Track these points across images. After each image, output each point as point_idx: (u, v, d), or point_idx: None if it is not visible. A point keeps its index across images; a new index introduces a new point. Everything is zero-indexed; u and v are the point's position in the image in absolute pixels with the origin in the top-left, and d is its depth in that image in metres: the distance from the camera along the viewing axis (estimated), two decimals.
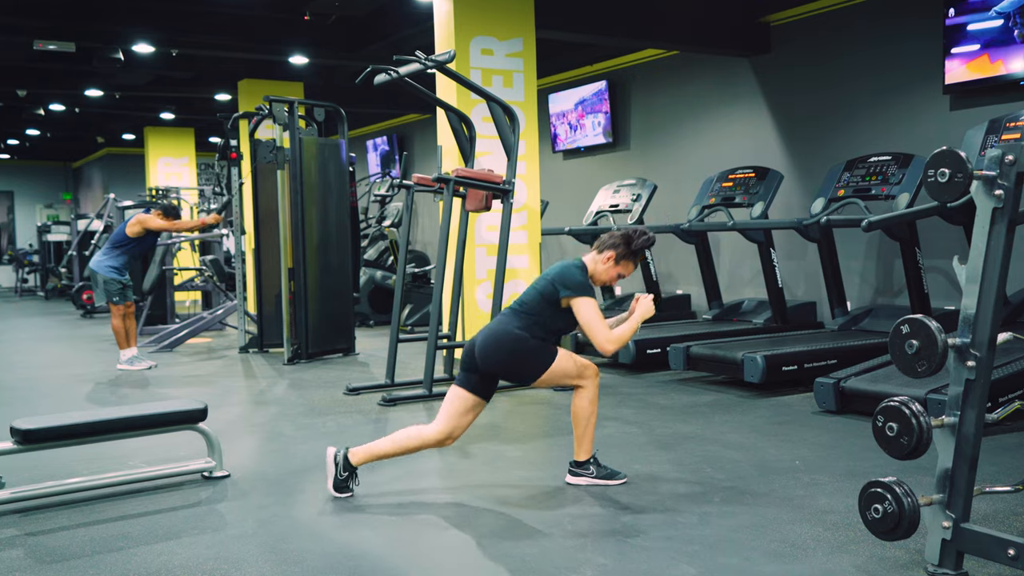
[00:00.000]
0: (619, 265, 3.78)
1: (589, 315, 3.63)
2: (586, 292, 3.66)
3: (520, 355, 3.68)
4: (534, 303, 3.72)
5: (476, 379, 3.72)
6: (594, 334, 3.63)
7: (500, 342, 3.67)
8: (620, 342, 3.65)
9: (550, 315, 3.71)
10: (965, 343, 2.58)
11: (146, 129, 17.41)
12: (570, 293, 3.65)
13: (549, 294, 3.69)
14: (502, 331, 3.69)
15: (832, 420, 5.14)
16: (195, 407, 4.07)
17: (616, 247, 3.77)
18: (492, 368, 3.71)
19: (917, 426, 2.57)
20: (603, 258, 3.78)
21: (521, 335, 3.67)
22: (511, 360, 3.69)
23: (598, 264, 3.78)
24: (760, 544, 3.08)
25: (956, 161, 2.61)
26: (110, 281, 7.51)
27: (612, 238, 3.79)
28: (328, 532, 3.34)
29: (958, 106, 7.12)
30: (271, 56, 10.83)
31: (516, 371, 3.75)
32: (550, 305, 3.70)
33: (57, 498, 3.78)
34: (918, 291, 6.44)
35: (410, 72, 6.04)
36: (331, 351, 8.24)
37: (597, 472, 3.85)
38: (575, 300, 3.64)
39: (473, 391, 3.72)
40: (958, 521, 2.58)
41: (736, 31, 8.66)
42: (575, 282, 3.67)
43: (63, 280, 16.65)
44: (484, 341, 3.70)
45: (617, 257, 3.77)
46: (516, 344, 3.67)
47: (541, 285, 3.73)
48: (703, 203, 7.73)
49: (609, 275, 3.79)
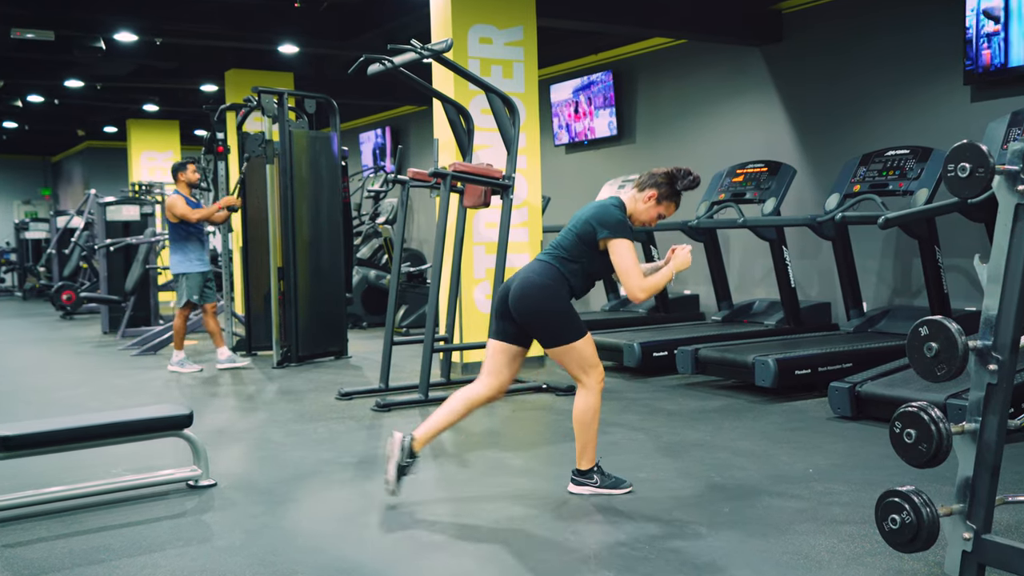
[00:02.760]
0: (660, 205, 3.77)
1: (625, 258, 3.63)
2: (625, 233, 3.65)
3: (549, 316, 3.68)
4: (572, 246, 3.72)
5: (512, 329, 3.75)
6: (629, 278, 3.62)
7: (534, 296, 3.67)
8: (653, 290, 3.66)
9: (589, 259, 3.71)
10: (987, 346, 2.58)
11: (129, 122, 17.41)
12: (608, 233, 3.64)
13: (587, 235, 3.68)
14: (537, 283, 3.68)
15: (847, 426, 5.14)
16: (180, 413, 4.07)
17: (659, 186, 3.75)
18: (524, 320, 3.72)
19: (936, 433, 2.57)
20: (644, 196, 3.77)
21: (556, 291, 3.66)
22: (540, 318, 3.69)
23: (638, 203, 3.78)
24: (772, 556, 3.08)
25: (977, 155, 2.61)
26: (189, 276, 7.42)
27: (654, 176, 3.77)
28: (320, 544, 3.34)
29: (979, 97, 7.12)
30: (260, 45, 10.82)
31: (542, 330, 3.73)
32: (589, 247, 3.69)
33: (36, 508, 3.78)
34: (937, 291, 6.44)
35: (405, 62, 6.04)
36: (322, 354, 8.24)
37: (601, 481, 3.85)
38: (612, 241, 3.63)
39: (513, 341, 3.76)
40: (979, 532, 2.58)
41: (747, 19, 8.66)
42: (614, 221, 3.66)
43: (42, 280, 16.65)
44: (518, 289, 3.70)
45: (659, 197, 3.76)
46: (548, 302, 3.67)
47: (579, 227, 3.72)
48: (712, 199, 7.73)
49: (649, 215, 3.78)
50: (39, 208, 23.91)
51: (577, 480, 3.87)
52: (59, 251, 15.03)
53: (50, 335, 11.27)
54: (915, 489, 2.65)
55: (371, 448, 4.88)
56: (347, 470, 4.40)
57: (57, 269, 14.92)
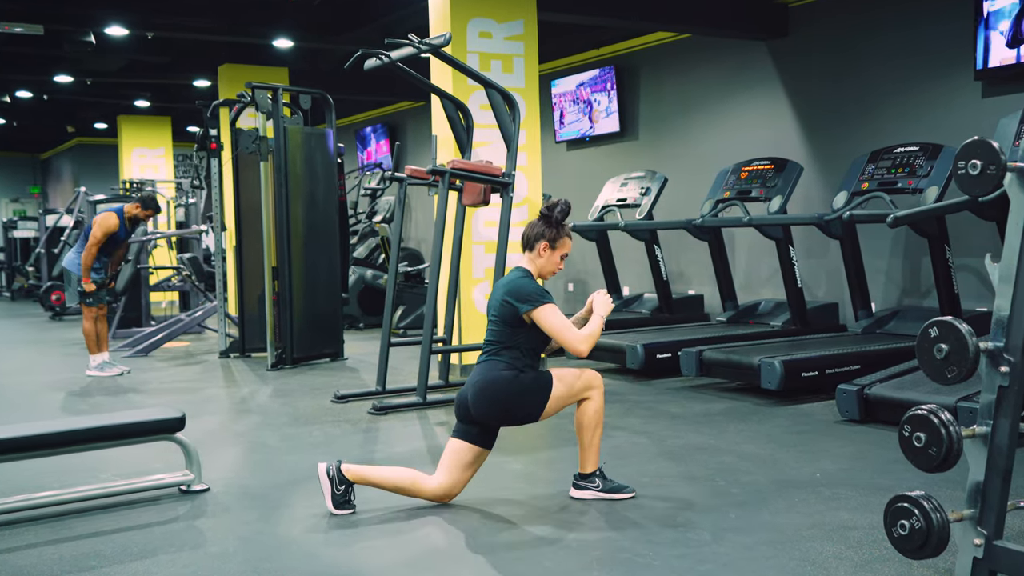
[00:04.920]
0: (557, 248, 3.83)
1: (555, 322, 3.67)
2: (544, 298, 3.70)
3: (517, 396, 3.70)
4: (502, 333, 3.74)
5: (475, 430, 3.75)
6: (566, 338, 3.67)
7: (494, 390, 3.68)
8: (593, 339, 3.72)
9: (524, 337, 3.73)
10: (998, 347, 2.58)
11: (119, 118, 17.42)
12: (529, 306, 3.68)
13: (510, 316, 3.71)
14: (491, 379, 3.70)
15: (855, 430, 5.14)
16: (172, 416, 4.07)
17: (543, 235, 3.81)
18: (492, 420, 3.75)
19: (947, 436, 2.57)
20: (538, 251, 3.82)
21: (509, 375, 3.69)
22: (510, 406, 3.71)
23: (536, 260, 3.84)
24: (778, 563, 3.08)
25: (988, 152, 2.61)
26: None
27: (533, 229, 3.83)
28: (315, 550, 3.34)
29: (991, 93, 7.12)
30: (254, 39, 10.82)
31: (518, 415, 3.76)
32: (517, 326, 3.72)
33: (25, 513, 3.78)
34: (948, 291, 6.44)
35: (403, 57, 6.05)
36: (318, 356, 8.24)
37: (603, 485, 3.86)
38: (535, 311, 3.67)
39: (473, 442, 3.75)
40: (990, 538, 2.58)
41: (752, 12, 8.66)
42: (529, 291, 3.70)
43: (30, 280, 16.65)
44: (476, 395, 3.70)
45: (550, 241, 3.81)
46: (510, 386, 3.69)
47: (498, 311, 3.75)
48: (717, 197, 7.73)
49: (553, 263, 3.85)
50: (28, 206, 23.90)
51: (579, 484, 3.88)
52: (48, 250, 15.03)
53: (39, 336, 11.27)
54: (925, 494, 2.65)
55: (367, 452, 4.88)
56: None
57: (46, 269, 14.92)
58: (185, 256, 11.42)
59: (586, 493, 3.85)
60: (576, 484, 3.89)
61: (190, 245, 12.64)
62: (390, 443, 5.08)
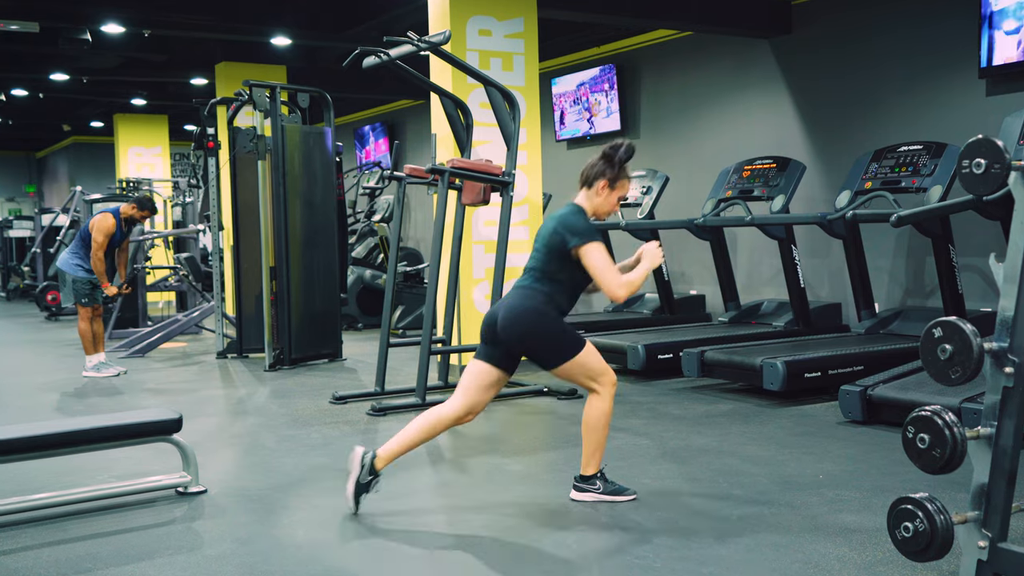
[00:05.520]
0: (615, 189, 3.81)
1: (599, 261, 3.65)
2: (594, 237, 3.68)
3: (550, 337, 3.71)
4: (547, 263, 3.74)
5: (498, 353, 3.76)
6: (607, 280, 3.65)
7: (529, 320, 3.69)
8: (632, 287, 3.68)
9: (568, 272, 3.72)
10: (1003, 348, 2.58)
11: (116, 116, 17.42)
12: (579, 241, 3.65)
13: (558, 247, 3.70)
14: (530, 308, 3.70)
15: (859, 431, 5.14)
16: (169, 417, 4.07)
17: (603, 174, 3.78)
18: (515, 347, 3.74)
19: (951, 438, 2.57)
20: (596, 190, 3.80)
21: (545, 312, 3.69)
22: (539, 343, 3.72)
23: (594, 199, 3.81)
24: (781, 565, 3.08)
25: (993, 150, 2.61)
26: (79, 281, 7.51)
27: (593, 167, 3.80)
28: (313, 553, 3.34)
29: (995, 91, 7.12)
30: (251, 37, 10.82)
31: (541, 354, 3.76)
32: (563, 260, 3.71)
33: (21, 515, 3.78)
34: (952, 291, 6.44)
35: (402, 54, 6.04)
36: (316, 356, 8.24)
37: (604, 488, 3.85)
38: (584, 248, 3.65)
39: (496, 365, 3.76)
40: (995, 540, 2.58)
41: (754, 10, 8.66)
42: (581, 227, 3.68)
43: (26, 280, 16.66)
44: (506, 317, 3.71)
45: (610, 181, 3.79)
46: (546, 324, 3.69)
47: (548, 241, 3.74)
48: (719, 196, 7.73)
49: (610, 204, 3.83)
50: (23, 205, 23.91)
51: (580, 487, 3.87)
52: (44, 250, 15.02)
53: (35, 337, 11.27)
54: (929, 496, 2.65)
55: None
56: (341, 477, 4.37)
57: (42, 269, 14.91)
58: (182, 256, 11.41)
59: (587, 495, 3.85)
60: (577, 486, 3.88)
61: (187, 245, 12.63)
62: None
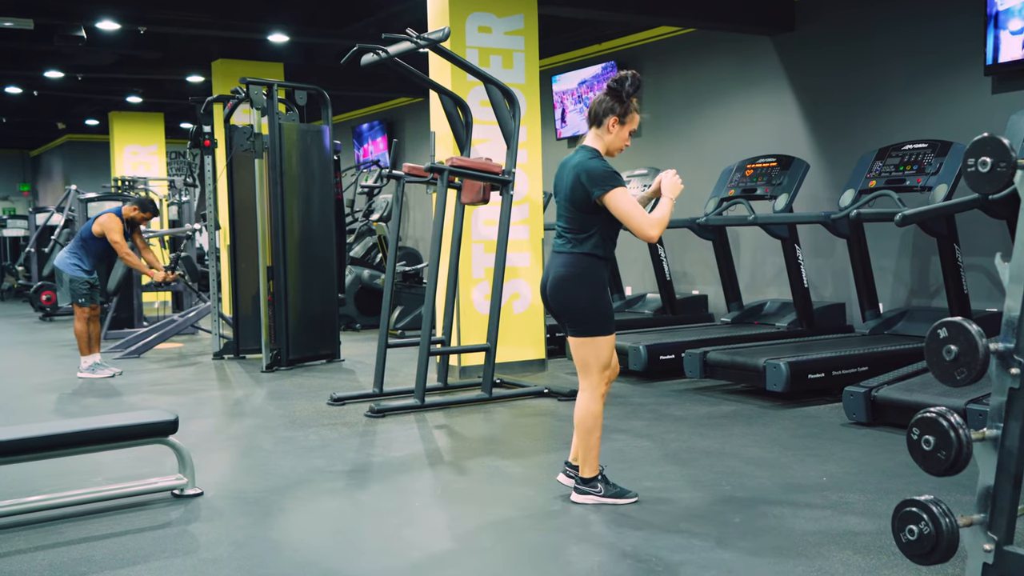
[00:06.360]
0: (626, 123, 3.80)
1: (626, 205, 3.67)
2: (617, 182, 3.69)
3: (584, 305, 3.76)
4: (579, 219, 3.75)
5: (562, 322, 3.88)
6: (638, 223, 3.67)
7: (569, 287, 3.76)
8: (662, 224, 3.71)
9: (601, 223, 3.74)
10: (1009, 348, 2.58)
11: (111, 114, 17.41)
12: (602, 190, 3.67)
13: (583, 200, 3.71)
14: (572, 275, 3.76)
15: (863, 433, 5.14)
16: (165, 419, 4.07)
17: (612, 110, 3.77)
18: (559, 310, 3.83)
19: (956, 439, 2.57)
20: (606, 127, 3.79)
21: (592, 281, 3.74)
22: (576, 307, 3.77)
23: (605, 137, 3.81)
24: (784, 569, 3.08)
25: (999, 148, 2.61)
26: (76, 280, 7.51)
27: (601, 104, 3.78)
28: (310, 557, 3.34)
29: (1001, 89, 7.12)
30: (248, 34, 10.81)
31: (574, 317, 3.81)
32: (592, 212, 3.72)
33: (15, 518, 3.78)
34: (957, 291, 6.44)
35: (400, 52, 6.05)
36: (314, 357, 8.24)
37: (606, 491, 3.85)
38: (608, 196, 3.66)
39: (572, 335, 3.84)
40: (1001, 543, 2.57)
41: (757, 6, 8.65)
42: (601, 173, 3.69)
43: (20, 279, 16.65)
44: (553, 287, 3.80)
45: (620, 117, 3.78)
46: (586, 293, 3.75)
47: (570, 195, 3.76)
48: (721, 195, 7.73)
49: (622, 139, 3.82)
50: (17, 204, 23.90)
51: (580, 489, 3.87)
52: (39, 249, 15.02)
53: (29, 337, 11.27)
54: (934, 498, 2.65)
55: (364, 456, 4.87)
56: (339, 479, 4.40)
57: (36, 268, 14.91)
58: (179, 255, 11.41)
59: (588, 498, 3.85)
60: (578, 489, 3.88)
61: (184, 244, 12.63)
62: (388, 446, 5.07)
